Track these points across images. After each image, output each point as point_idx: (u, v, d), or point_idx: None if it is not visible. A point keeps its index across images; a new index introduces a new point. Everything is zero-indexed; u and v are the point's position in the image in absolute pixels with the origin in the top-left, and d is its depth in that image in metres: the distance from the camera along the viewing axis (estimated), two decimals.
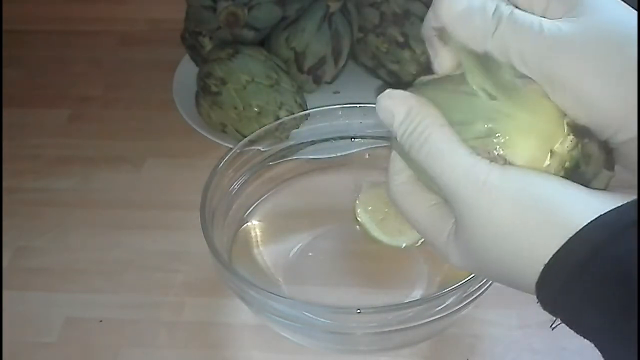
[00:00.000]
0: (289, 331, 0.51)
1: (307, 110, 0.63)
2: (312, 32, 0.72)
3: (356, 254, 0.60)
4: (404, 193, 0.36)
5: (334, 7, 0.72)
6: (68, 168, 0.72)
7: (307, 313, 0.48)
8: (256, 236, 0.60)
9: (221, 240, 0.55)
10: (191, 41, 0.75)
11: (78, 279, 0.61)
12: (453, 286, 0.46)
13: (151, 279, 0.60)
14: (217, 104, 0.68)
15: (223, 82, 0.67)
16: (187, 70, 0.77)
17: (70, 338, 0.56)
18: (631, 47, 0.29)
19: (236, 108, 0.67)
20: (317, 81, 0.74)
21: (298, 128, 0.61)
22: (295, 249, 0.59)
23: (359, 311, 0.46)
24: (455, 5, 0.32)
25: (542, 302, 0.30)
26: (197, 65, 0.75)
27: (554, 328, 0.32)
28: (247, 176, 0.60)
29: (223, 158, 0.56)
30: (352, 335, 0.49)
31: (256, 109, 0.67)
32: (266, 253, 0.59)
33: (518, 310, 0.55)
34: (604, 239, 0.27)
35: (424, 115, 0.32)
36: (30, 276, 0.61)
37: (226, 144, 0.68)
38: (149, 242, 0.63)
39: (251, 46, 0.71)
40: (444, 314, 0.47)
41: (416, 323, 0.47)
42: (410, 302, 0.48)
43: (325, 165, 0.63)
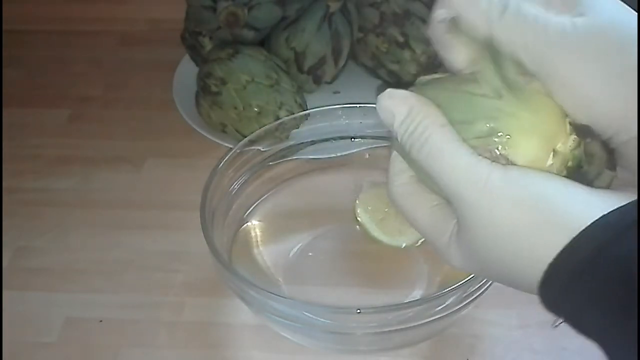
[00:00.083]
0: (289, 331, 0.51)
1: (307, 110, 0.63)
2: (312, 32, 0.72)
3: (356, 254, 0.60)
4: (405, 194, 0.36)
5: (334, 7, 0.72)
6: (68, 168, 0.72)
7: (307, 313, 0.48)
8: (256, 236, 0.60)
9: (221, 240, 0.55)
10: (191, 41, 0.75)
11: (78, 279, 0.61)
12: (453, 286, 0.46)
13: (151, 279, 0.60)
14: (217, 104, 0.68)
15: (223, 82, 0.67)
16: (187, 70, 0.77)
17: (70, 338, 0.56)
18: (631, 48, 0.29)
19: (236, 108, 0.67)
20: (317, 81, 0.74)
21: (298, 128, 0.61)
22: (295, 249, 0.59)
23: (359, 311, 0.46)
24: None
25: (545, 302, 0.30)
26: (197, 65, 0.75)
27: (557, 326, 0.31)
28: (247, 176, 0.60)
29: (223, 158, 0.56)
30: (352, 335, 0.49)
31: (256, 109, 0.66)
32: (266, 253, 0.59)
33: (518, 310, 0.55)
34: (608, 239, 0.27)
35: (425, 115, 0.32)
36: (30, 276, 0.61)
37: (226, 144, 0.68)
38: (149, 242, 0.63)
39: (251, 46, 0.71)
40: (444, 314, 0.47)
41: (416, 323, 0.47)
42: (410, 302, 0.48)
43: (325, 165, 0.63)
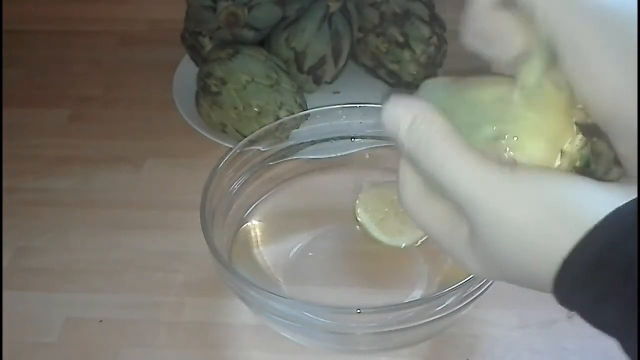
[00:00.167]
0: (289, 331, 0.51)
1: (307, 110, 0.62)
2: (312, 32, 0.72)
3: (356, 254, 0.60)
4: (416, 202, 0.35)
5: (334, 7, 0.72)
6: (68, 168, 0.72)
7: (307, 313, 0.48)
8: (256, 236, 0.60)
9: (221, 240, 0.55)
10: (191, 41, 0.75)
11: (78, 279, 0.61)
12: (453, 286, 0.46)
13: (151, 279, 0.60)
14: (217, 104, 0.68)
15: (223, 82, 0.67)
16: (187, 70, 0.77)
17: (70, 338, 0.56)
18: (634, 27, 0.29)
19: (236, 108, 0.67)
20: (317, 81, 0.74)
21: (298, 128, 0.61)
22: (295, 249, 0.59)
23: (359, 311, 0.46)
24: None
25: (559, 298, 0.30)
26: (197, 65, 0.75)
27: (570, 318, 0.31)
28: (247, 176, 0.60)
29: (223, 158, 0.56)
30: (352, 335, 0.49)
31: (256, 109, 0.66)
32: (266, 253, 0.59)
33: (518, 310, 0.55)
34: (622, 232, 0.27)
35: (429, 123, 0.32)
36: (30, 276, 0.61)
37: (226, 144, 0.68)
38: (149, 242, 0.63)
39: (251, 46, 0.71)
40: (444, 314, 0.47)
41: (416, 323, 0.47)
42: (410, 302, 0.48)
43: (325, 165, 0.63)
